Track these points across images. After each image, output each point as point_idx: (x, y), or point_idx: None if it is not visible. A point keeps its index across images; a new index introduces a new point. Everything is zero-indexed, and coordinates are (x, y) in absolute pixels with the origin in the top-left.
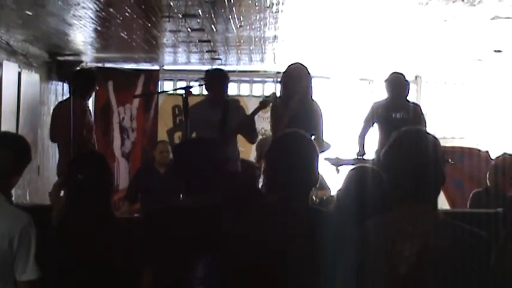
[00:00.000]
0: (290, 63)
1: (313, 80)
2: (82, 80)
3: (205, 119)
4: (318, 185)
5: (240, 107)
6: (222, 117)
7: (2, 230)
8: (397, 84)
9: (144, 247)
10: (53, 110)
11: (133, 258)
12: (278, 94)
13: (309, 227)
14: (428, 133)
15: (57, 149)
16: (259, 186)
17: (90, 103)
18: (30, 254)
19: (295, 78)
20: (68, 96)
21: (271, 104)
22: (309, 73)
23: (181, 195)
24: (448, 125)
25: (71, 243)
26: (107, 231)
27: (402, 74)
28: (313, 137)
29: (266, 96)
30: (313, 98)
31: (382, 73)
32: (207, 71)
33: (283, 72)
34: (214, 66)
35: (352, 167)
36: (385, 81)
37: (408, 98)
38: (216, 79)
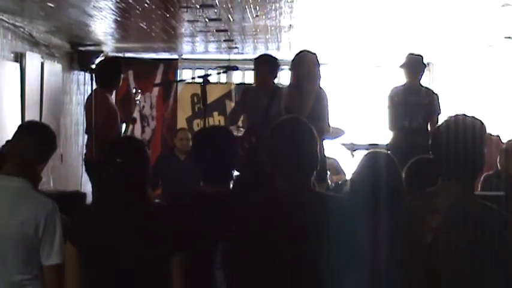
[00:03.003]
0: (299, 51)
1: (327, 68)
2: (107, 69)
3: (254, 104)
4: (333, 170)
5: None
6: (268, 104)
7: (29, 216)
8: (414, 65)
9: (175, 234)
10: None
11: (165, 244)
12: (288, 81)
13: (311, 210)
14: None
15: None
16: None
17: None
18: (55, 239)
19: (310, 64)
20: (95, 86)
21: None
22: (317, 60)
23: (200, 182)
24: (459, 110)
25: (105, 226)
26: (141, 217)
27: (419, 55)
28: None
29: None
30: (320, 84)
31: (395, 60)
32: (257, 57)
33: (293, 60)
34: (266, 52)
35: (366, 152)
36: (402, 64)
37: (422, 82)
38: (265, 65)
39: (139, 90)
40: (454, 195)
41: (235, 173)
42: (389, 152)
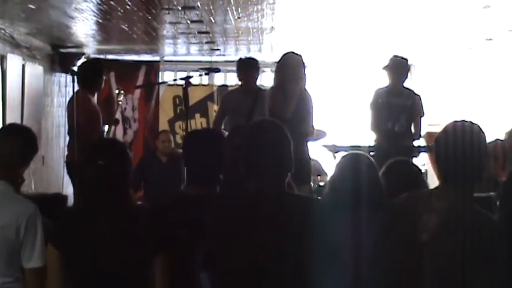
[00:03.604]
0: (284, 53)
1: (309, 70)
2: (89, 70)
3: (237, 107)
4: (315, 171)
5: None
6: (252, 106)
7: (10, 219)
8: (397, 67)
9: (157, 236)
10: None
11: (147, 246)
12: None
13: (285, 212)
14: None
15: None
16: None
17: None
18: (36, 242)
19: (294, 66)
20: (77, 88)
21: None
22: (303, 62)
23: (182, 184)
24: (440, 112)
25: (87, 228)
26: (123, 219)
27: (403, 58)
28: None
29: None
30: (305, 86)
31: (377, 62)
32: (239, 59)
33: (279, 61)
34: (247, 55)
35: (345, 153)
36: (385, 66)
37: (405, 84)
38: (247, 68)
39: (122, 92)
40: (453, 198)
41: None
42: (372, 153)
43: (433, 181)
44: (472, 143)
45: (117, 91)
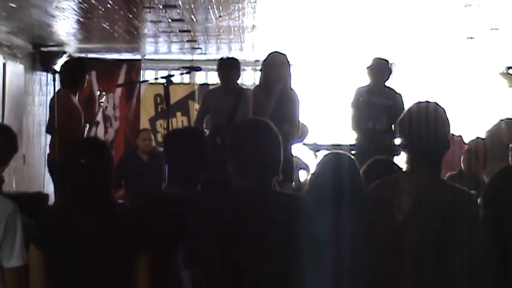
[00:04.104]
0: (270, 52)
1: (291, 68)
2: (71, 69)
3: (218, 106)
4: (297, 166)
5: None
6: (234, 106)
7: None
8: (379, 69)
9: (140, 235)
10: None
11: (130, 246)
12: (257, 82)
13: (273, 210)
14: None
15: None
16: None
17: None
18: (16, 241)
19: (278, 66)
20: (59, 87)
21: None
22: (288, 61)
23: (164, 182)
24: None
25: (70, 227)
26: (106, 218)
27: (385, 60)
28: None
29: None
30: (291, 85)
31: (358, 60)
32: (220, 59)
33: (264, 60)
34: (228, 55)
35: (326, 152)
36: (368, 66)
37: (387, 84)
38: (228, 67)
39: (104, 93)
40: (422, 178)
41: None
42: (353, 152)
43: None
44: (435, 121)
45: (98, 92)
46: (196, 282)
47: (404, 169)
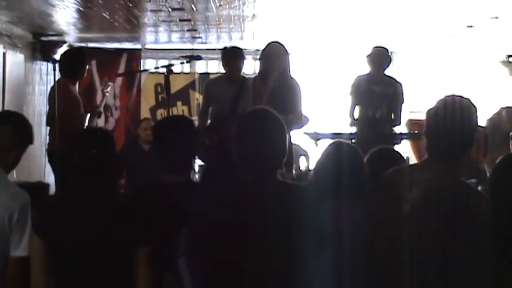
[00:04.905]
0: (268, 42)
1: (290, 57)
2: (71, 59)
3: (220, 95)
4: (296, 155)
5: None
6: (237, 95)
7: (4, 205)
8: (379, 57)
9: (141, 225)
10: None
11: (135, 235)
12: (257, 71)
13: (277, 200)
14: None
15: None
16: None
17: None
18: (25, 231)
19: (274, 56)
20: (59, 76)
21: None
22: (286, 51)
23: (161, 172)
24: (421, 99)
25: (73, 217)
26: (108, 207)
27: (385, 48)
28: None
29: None
30: (291, 74)
31: (358, 49)
32: (224, 48)
33: (262, 50)
34: (230, 44)
35: (330, 141)
36: (368, 55)
37: (386, 72)
38: (232, 57)
39: (110, 83)
40: (435, 171)
41: (200, 162)
42: (353, 141)
43: None
44: (462, 117)
45: (104, 82)
46: (194, 269)
47: (424, 159)
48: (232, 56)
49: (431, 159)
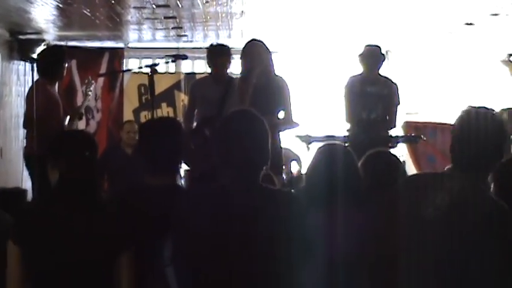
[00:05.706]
0: (249, 40)
1: (281, 56)
2: (49, 58)
3: (206, 96)
4: (287, 159)
5: None
6: (223, 96)
7: None
8: (372, 56)
9: (123, 230)
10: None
11: (116, 240)
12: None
13: (260, 205)
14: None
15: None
16: None
17: None
18: None
19: (255, 53)
20: (37, 77)
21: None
22: (267, 48)
23: (146, 175)
24: (418, 100)
25: (51, 223)
26: (90, 212)
27: (377, 46)
28: (281, 113)
29: None
30: (276, 73)
31: (351, 48)
32: (210, 46)
33: (242, 49)
34: (217, 42)
35: (321, 144)
36: (360, 54)
37: (381, 72)
38: (217, 53)
39: (93, 82)
40: (466, 182)
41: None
42: (347, 144)
43: (411, 172)
44: (491, 131)
45: (86, 81)
46: (181, 278)
47: (448, 168)
48: (217, 52)
49: (461, 169)
